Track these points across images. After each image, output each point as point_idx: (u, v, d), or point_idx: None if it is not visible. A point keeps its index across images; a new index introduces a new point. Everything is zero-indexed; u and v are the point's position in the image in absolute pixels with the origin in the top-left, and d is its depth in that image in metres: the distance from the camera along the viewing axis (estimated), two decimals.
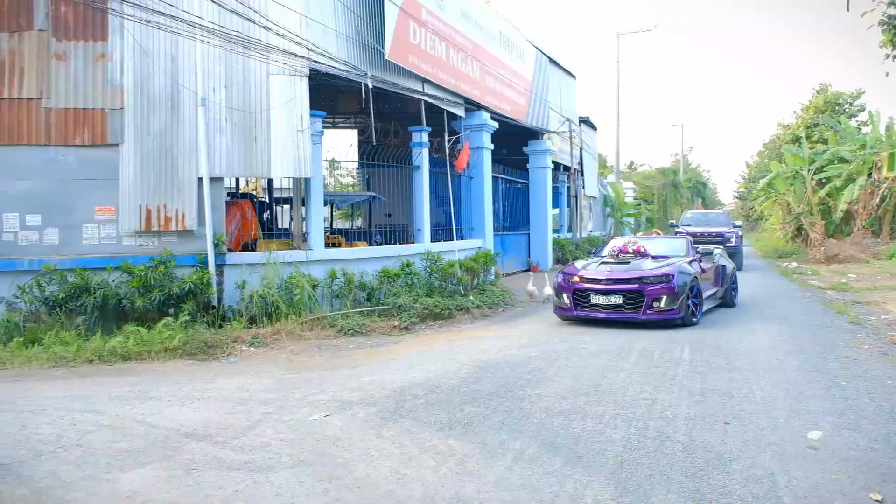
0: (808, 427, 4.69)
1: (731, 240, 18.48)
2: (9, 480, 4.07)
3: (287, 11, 9.50)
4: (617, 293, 9.02)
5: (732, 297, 11.21)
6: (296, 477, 3.97)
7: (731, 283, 11.14)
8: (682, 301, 8.85)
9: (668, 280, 8.88)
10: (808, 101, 37.17)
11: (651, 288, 8.85)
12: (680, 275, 9.03)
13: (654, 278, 8.95)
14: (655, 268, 9.29)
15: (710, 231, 19.02)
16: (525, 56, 18.25)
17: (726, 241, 18.00)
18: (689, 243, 10.76)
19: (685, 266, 9.43)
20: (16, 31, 8.89)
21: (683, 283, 8.97)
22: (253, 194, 15.89)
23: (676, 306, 8.80)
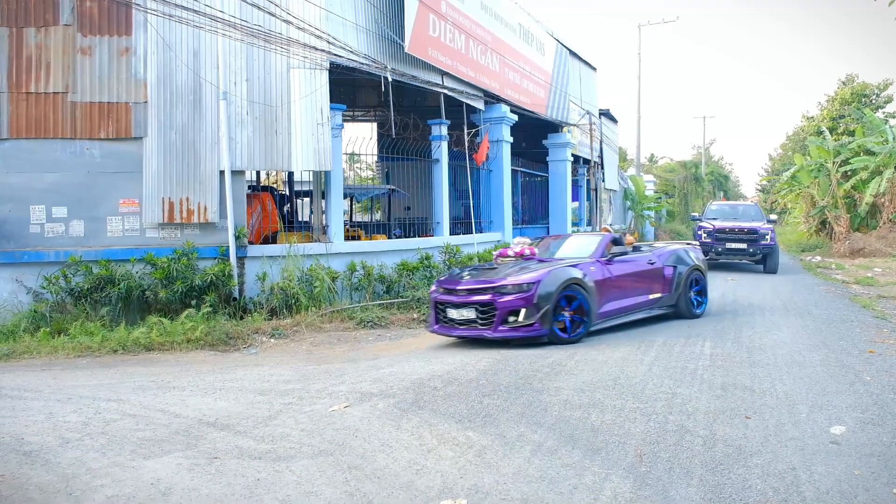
0: (830, 422, 4.64)
1: (766, 237, 15.48)
2: (37, 466, 4.16)
3: (308, 5, 9.55)
4: (470, 306, 7.41)
5: (690, 305, 9.09)
6: (316, 466, 4.01)
7: (686, 288, 9.07)
8: (547, 315, 7.17)
9: (527, 289, 7.21)
10: (833, 92, 36.59)
11: (504, 299, 7.20)
12: (547, 283, 7.30)
13: (512, 287, 7.28)
14: (517, 275, 7.51)
15: (741, 226, 15.84)
16: (545, 48, 18.14)
17: (760, 239, 15.42)
18: (603, 241, 8.65)
19: (563, 271, 7.58)
20: (42, 26, 9.03)
21: (548, 292, 7.22)
22: (273, 187, 16.02)
23: (536, 321, 7.15)
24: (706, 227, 16.10)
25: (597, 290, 7.80)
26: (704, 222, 16.69)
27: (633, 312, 8.46)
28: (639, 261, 8.78)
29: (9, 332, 8.26)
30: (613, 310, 8.13)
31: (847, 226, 22.53)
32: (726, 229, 15.82)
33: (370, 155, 17.21)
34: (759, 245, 15.38)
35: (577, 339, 7.47)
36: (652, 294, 8.76)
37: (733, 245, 15.50)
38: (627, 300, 8.36)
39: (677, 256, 9.25)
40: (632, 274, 8.56)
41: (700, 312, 9.24)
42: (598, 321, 7.87)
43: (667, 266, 9.00)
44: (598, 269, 8.07)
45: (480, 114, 14.54)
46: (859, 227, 22.52)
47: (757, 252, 15.48)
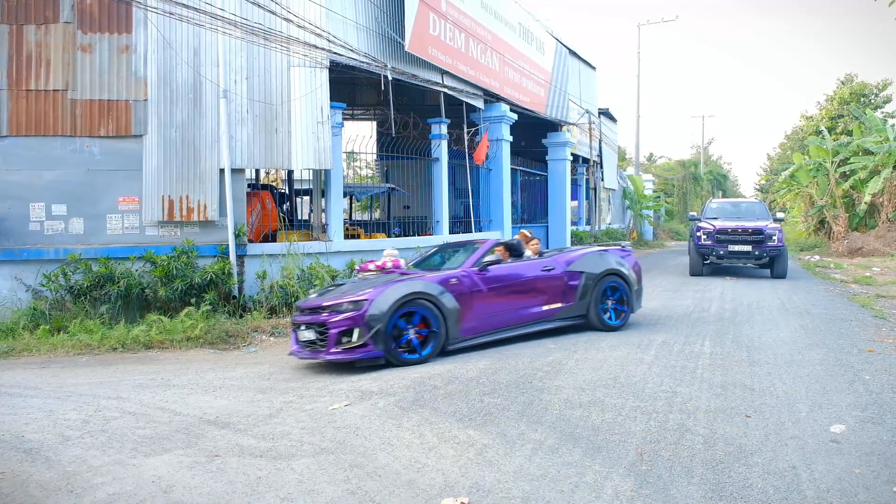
0: (830, 421, 4.65)
1: (773, 238, 13.85)
2: (38, 464, 4.16)
3: (308, 3, 9.55)
4: (310, 326, 6.76)
5: (601, 315, 8.04)
6: (317, 465, 4.02)
7: (597, 297, 8.00)
8: (379, 334, 6.38)
9: (359, 308, 6.43)
10: (832, 91, 36.60)
11: (336, 319, 6.46)
12: (381, 300, 6.47)
13: (346, 305, 6.53)
14: (353, 292, 6.72)
15: (745, 226, 14.19)
16: (545, 47, 18.14)
17: (766, 241, 13.84)
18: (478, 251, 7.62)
19: (405, 286, 6.73)
20: (42, 23, 9.02)
21: (382, 310, 6.40)
22: (273, 186, 16.02)
23: (368, 341, 6.36)
24: (706, 228, 14.50)
25: (461, 304, 6.93)
26: (704, 222, 14.97)
27: (521, 326, 7.54)
28: (527, 269, 7.77)
29: (8, 330, 8.25)
30: (488, 324, 7.24)
31: (845, 225, 22.57)
32: (728, 230, 14.18)
33: (370, 154, 17.19)
34: (765, 247, 13.83)
35: (426, 358, 6.60)
36: (547, 305, 7.74)
37: (737, 248, 13.99)
38: (510, 313, 7.45)
39: (586, 262, 8.09)
40: (515, 284, 7.61)
41: (617, 324, 8.11)
42: (465, 338, 7.01)
43: (570, 273, 7.92)
44: (466, 281, 7.12)
45: (480, 112, 14.55)
46: (858, 227, 22.56)
47: (763, 255, 13.90)
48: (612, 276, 8.17)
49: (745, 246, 13.93)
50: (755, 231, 14.01)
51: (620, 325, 8.18)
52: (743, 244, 13.96)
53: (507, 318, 7.44)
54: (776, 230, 14.05)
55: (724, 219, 15.29)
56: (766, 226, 14.20)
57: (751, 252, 13.90)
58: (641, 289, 8.72)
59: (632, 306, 8.37)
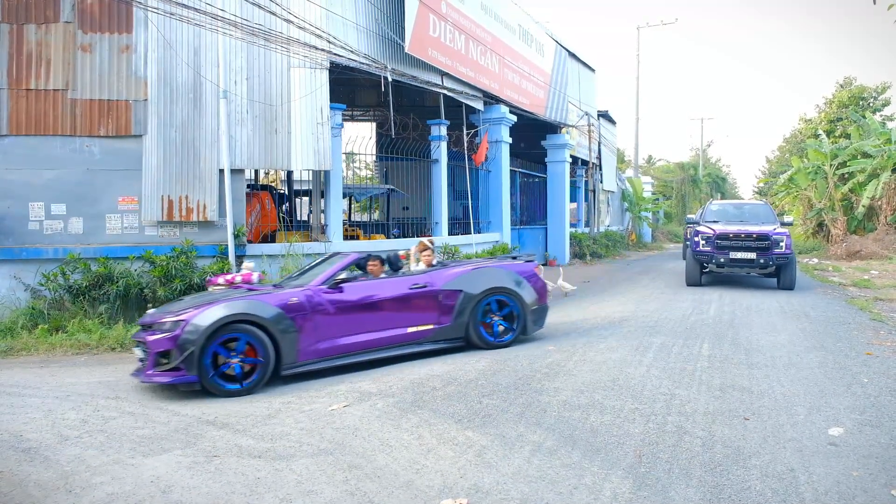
0: (828, 423, 4.66)
1: (781, 245, 12.36)
2: (36, 463, 4.16)
3: (309, 4, 9.56)
4: (139, 344, 6.22)
5: (480, 332, 7.27)
6: (316, 465, 4.02)
7: (477, 315, 7.25)
8: (192, 358, 5.74)
9: (175, 328, 5.86)
10: (831, 94, 36.67)
11: (155, 338, 5.92)
12: (198, 321, 5.84)
13: (169, 324, 5.94)
14: (178, 312, 6.10)
15: (749, 231, 12.72)
16: (544, 49, 18.17)
17: (773, 247, 12.36)
18: (333, 267, 6.87)
19: (231, 305, 6.05)
20: (43, 23, 9.02)
21: (196, 334, 5.76)
22: (272, 186, 16.02)
23: (181, 364, 5.75)
24: (705, 233, 13.01)
25: (301, 325, 6.27)
26: (702, 226, 13.54)
27: (383, 350, 6.79)
28: (392, 287, 7.01)
29: (6, 329, 8.24)
30: (339, 347, 6.52)
31: (844, 228, 22.59)
32: (730, 235, 12.71)
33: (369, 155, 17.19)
34: (771, 255, 12.37)
35: (250, 389, 5.91)
36: (415, 326, 6.98)
37: (739, 255, 12.57)
38: (367, 335, 6.70)
39: (467, 279, 7.31)
40: (375, 304, 6.82)
41: (502, 341, 7.38)
42: (305, 362, 6.31)
43: (446, 292, 7.15)
44: (311, 300, 6.42)
45: (480, 114, 14.56)
46: (856, 230, 22.58)
47: (769, 263, 12.45)
48: (499, 294, 7.42)
49: (748, 253, 12.50)
50: (760, 236, 12.52)
51: (507, 342, 7.40)
52: (746, 251, 12.53)
53: (363, 341, 6.66)
54: (783, 235, 12.53)
55: (726, 222, 13.91)
56: (773, 231, 12.67)
57: (755, 260, 12.46)
58: (545, 308, 7.94)
59: (525, 326, 7.54)
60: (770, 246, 12.40)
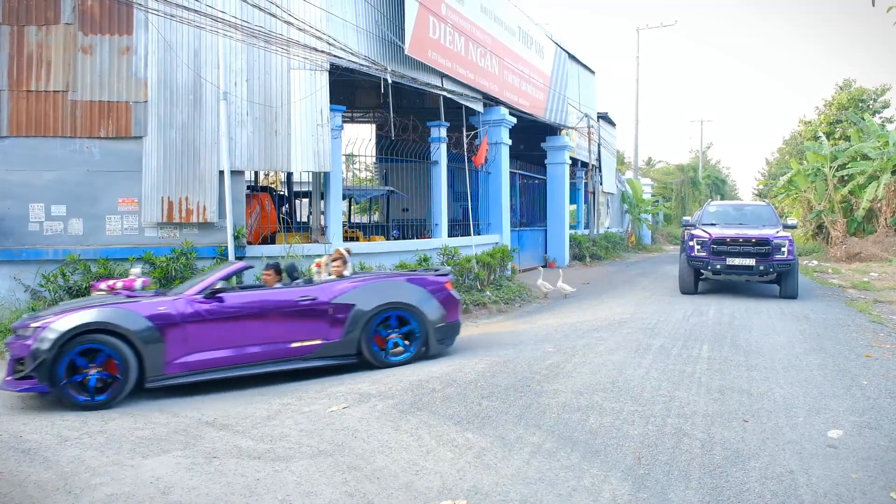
0: (828, 426, 4.66)
1: (782, 250, 11.51)
2: (36, 464, 4.17)
3: (308, 6, 9.56)
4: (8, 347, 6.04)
5: (373, 350, 6.76)
6: (315, 467, 4.02)
7: (370, 331, 6.76)
8: (44, 367, 5.52)
9: (32, 334, 5.72)
10: (830, 96, 36.68)
11: (16, 343, 5.86)
12: (53, 328, 5.63)
13: (31, 329, 5.78)
14: (41, 318, 5.94)
15: (748, 235, 11.83)
16: (544, 51, 18.18)
17: (774, 253, 11.49)
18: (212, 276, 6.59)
19: (91, 313, 5.82)
20: (43, 24, 9.03)
21: (50, 342, 5.56)
22: (272, 188, 16.03)
23: (33, 372, 5.56)
24: (700, 237, 12.12)
25: (170, 336, 5.95)
26: (699, 229, 12.64)
27: (264, 364, 6.38)
28: (278, 300, 6.62)
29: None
30: (213, 361, 6.15)
31: (844, 230, 22.60)
32: (727, 239, 11.84)
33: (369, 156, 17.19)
34: (771, 261, 11.48)
35: (104, 403, 5.64)
36: (301, 341, 6.53)
37: (737, 261, 11.72)
38: (246, 349, 6.31)
39: (361, 294, 6.82)
40: (256, 316, 6.45)
41: (398, 361, 6.88)
42: (173, 374, 5.98)
43: (337, 305, 6.68)
44: (183, 311, 6.11)
45: (479, 116, 14.57)
46: (856, 232, 22.60)
47: (770, 270, 11.56)
48: (397, 309, 6.92)
49: (747, 259, 11.64)
50: (760, 241, 11.63)
51: (403, 361, 6.89)
52: (745, 257, 11.67)
53: (240, 356, 6.28)
54: (785, 240, 11.66)
55: (724, 225, 12.95)
56: (774, 235, 11.80)
57: (754, 267, 11.58)
58: (455, 325, 7.40)
59: (427, 343, 7.02)
60: (770, 251, 11.54)
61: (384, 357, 6.84)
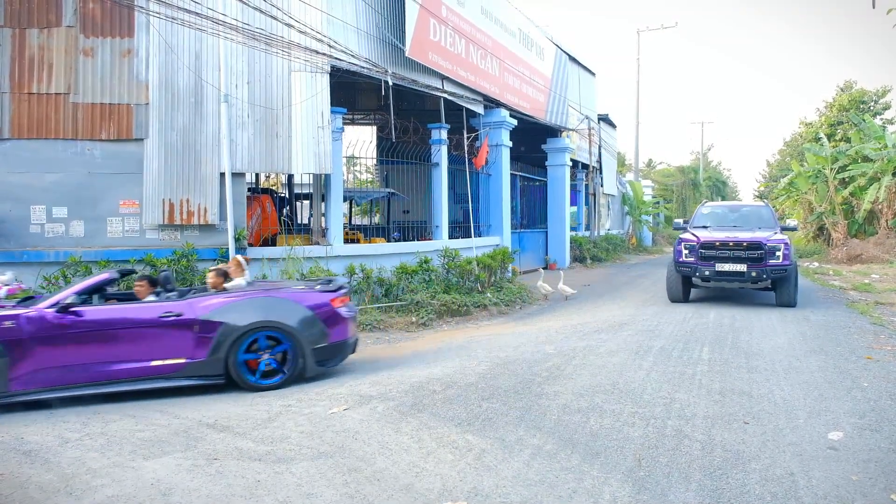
0: (828, 428, 4.66)
1: (777, 255, 10.58)
2: (37, 466, 4.17)
3: (309, 9, 9.58)
4: None
5: (241, 372, 6.12)
6: (316, 468, 4.03)
7: (237, 352, 6.11)
8: None
9: None
10: (831, 98, 36.69)
11: None
12: None
13: None
14: None
15: (739, 239, 10.90)
16: (545, 53, 18.20)
17: (767, 258, 10.56)
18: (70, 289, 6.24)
19: None
20: (45, 27, 9.05)
21: None
22: (273, 190, 16.04)
23: None
24: (688, 241, 11.28)
25: (13, 351, 5.66)
26: (688, 232, 11.83)
27: (120, 383, 5.95)
28: (139, 315, 6.15)
29: None
30: (64, 377, 5.81)
31: (845, 232, 22.59)
32: (716, 243, 10.94)
33: (370, 158, 17.20)
34: (765, 266, 10.52)
35: None
36: (162, 360, 6.06)
37: (726, 267, 10.81)
38: (101, 367, 5.91)
39: (231, 310, 6.26)
40: (114, 331, 6.05)
41: (269, 384, 6.21)
42: (18, 391, 5.69)
43: (204, 322, 6.14)
44: (31, 324, 5.77)
45: (480, 118, 14.58)
46: (857, 234, 22.59)
47: (763, 276, 10.68)
48: (270, 329, 6.31)
49: (738, 265, 10.73)
50: (752, 245, 10.70)
51: (274, 384, 6.24)
52: (735, 262, 10.76)
53: (96, 373, 5.91)
54: (781, 244, 10.67)
55: (717, 228, 12.14)
56: (768, 238, 10.84)
57: (746, 273, 10.70)
58: (340, 344, 6.64)
59: (304, 365, 6.36)
60: (763, 256, 10.59)
61: (253, 380, 6.19)
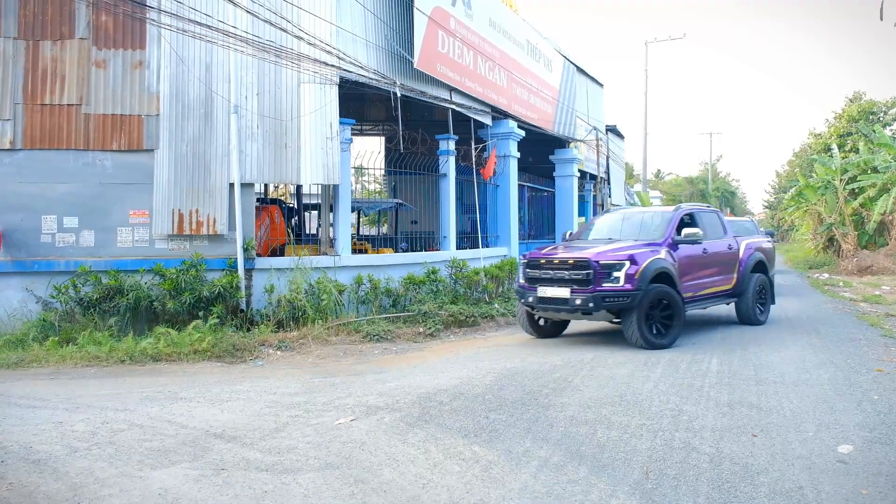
0: (838, 441, 4.62)
1: (614, 276, 8.10)
2: (45, 475, 4.19)
3: (319, 21, 9.67)
4: None
5: None
6: (323, 479, 4.03)
7: None
8: None
9: None
10: (840, 109, 36.60)
11: None
12: None
13: None
14: None
15: (565, 256, 8.68)
16: (552, 64, 18.25)
17: (598, 280, 8.11)
18: None
19: None
20: (58, 39, 9.17)
21: None
22: (281, 200, 16.11)
23: None
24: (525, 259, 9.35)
25: None
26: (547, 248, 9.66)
27: None
28: None
29: (18, 341, 8.31)
30: None
31: (855, 243, 22.46)
32: (541, 261, 8.82)
33: (378, 169, 17.27)
34: (594, 292, 8.10)
35: None
36: None
37: (549, 291, 8.52)
38: None
39: None
40: None
41: None
42: None
43: None
44: None
45: (488, 129, 14.62)
46: (867, 245, 22.45)
47: (588, 305, 8.15)
48: None
49: (561, 289, 8.40)
50: (579, 264, 8.33)
51: None
52: (560, 285, 8.44)
53: None
54: (625, 260, 8.16)
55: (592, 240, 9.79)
56: (605, 252, 8.39)
57: (569, 300, 8.30)
58: None
59: None
60: (592, 278, 8.14)
61: None
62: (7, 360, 7.70)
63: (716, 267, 9.66)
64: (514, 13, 15.81)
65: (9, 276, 8.94)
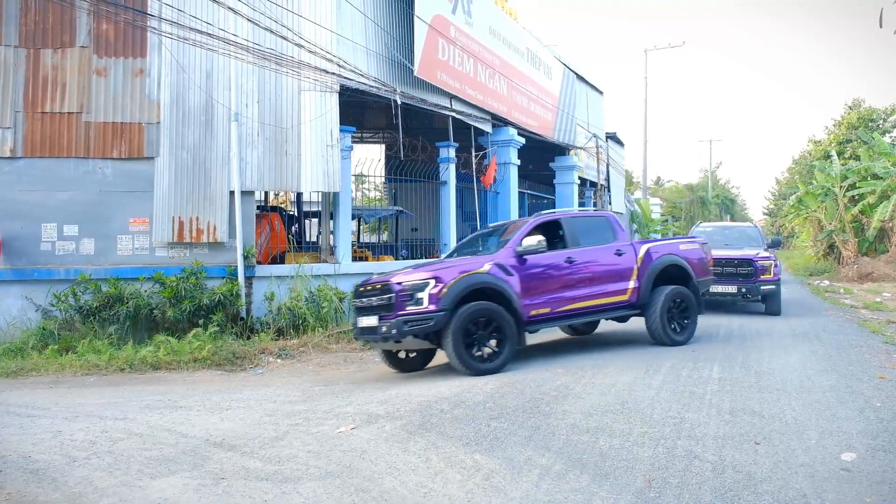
0: (841, 448, 4.59)
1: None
2: (44, 485, 4.16)
3: (319, 29, 9.70)
4: None
5: None
6: (323, 488, 4.00)
7: None
8: None
9: None
10: (840, 116, 36.68)
11: None
12: None
13: None
14: None
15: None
16: (552, 72, 18.30)
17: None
18: None
19: None
20: (59, 47, 9.20)
21: None
22: (282, 207, 16.11)
23: None
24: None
25: None
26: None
27: None
28: None
29: (17, 350, 8.29)
30: None
31: (855, 250, 22.44)
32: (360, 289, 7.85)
33: (378, 176, 17.29)
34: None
35: None
36: None
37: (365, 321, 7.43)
38: None
39: None
40: None
41: None
42: None
43: None
44: None
45: (488, 136, 14.64)
46: (868, 252, 22.43)
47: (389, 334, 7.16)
48: None
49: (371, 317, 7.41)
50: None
51: None
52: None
53: None
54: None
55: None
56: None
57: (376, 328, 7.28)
58: None
59: None
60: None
61: None
62: (6, 369, 7.68)
63: (592, 277, 8.34)
64: (515, 21, 15.86)
65: (8, 284, 8.93)
